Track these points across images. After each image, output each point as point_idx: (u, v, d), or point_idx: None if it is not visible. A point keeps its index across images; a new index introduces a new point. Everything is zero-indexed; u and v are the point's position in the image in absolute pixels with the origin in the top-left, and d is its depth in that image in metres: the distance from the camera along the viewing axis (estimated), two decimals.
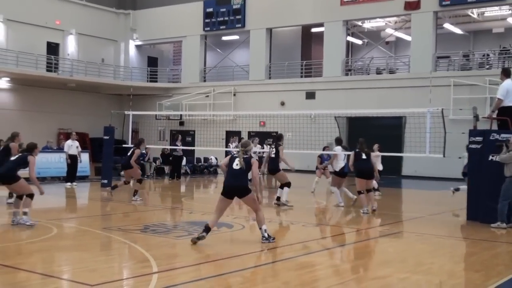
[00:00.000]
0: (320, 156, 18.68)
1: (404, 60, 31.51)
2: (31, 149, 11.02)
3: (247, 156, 9.55)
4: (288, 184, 14.70)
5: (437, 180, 26.16)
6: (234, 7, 34.52)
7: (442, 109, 14.90)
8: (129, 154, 15.49)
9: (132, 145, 17.27)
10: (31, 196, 10.67)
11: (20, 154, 11.17)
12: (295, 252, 9.01)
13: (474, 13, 31.02)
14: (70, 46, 35.63)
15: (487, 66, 28.82)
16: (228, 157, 9.79)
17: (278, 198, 14.82)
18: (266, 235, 9.41)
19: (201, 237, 9.07)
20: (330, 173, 17.59)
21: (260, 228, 9.50)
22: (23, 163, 10.75)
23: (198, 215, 12.92)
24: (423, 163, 25.04)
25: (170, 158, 24.84)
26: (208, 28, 35.64)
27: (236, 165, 9.42)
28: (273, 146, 15.18)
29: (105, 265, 7.64)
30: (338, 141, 16.39)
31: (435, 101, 24.57)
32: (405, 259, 8.56)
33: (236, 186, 9.36)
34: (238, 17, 34.42)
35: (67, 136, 30.32)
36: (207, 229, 9.19)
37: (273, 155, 14.78)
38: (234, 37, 36.79)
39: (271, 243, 9.29)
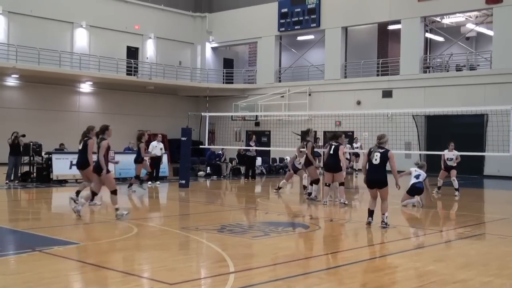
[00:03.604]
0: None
1: (486, 56, 30.44)
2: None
3: (383, 150, 10.75)
4: (317, 181, 15.56)
5: None
6: (309, 6, 34.42)
7: None
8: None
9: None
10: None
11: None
12: (373, 254, 8.87)
13: None
14: (149, 49, 36.65)
15: None
16: (367, 152, 11.07)
17: (309, 194, 15.57)
18: (386, 221, 10.76)
19: (369, 222, 10.90)
20: None
21: (383, 214, 10.79)
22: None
23: (274, 216, 12.95)
24: (507, 163, 24.12)
25: (244, 159, 25.05)
26: (283, 29, 35.71)
27: (375, 160, 10.74)
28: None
29: (184, 265, 7.77)
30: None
31: None
32: (488, 262, 8.25)
33: (375, 180, 10.82)
34: (313, 16, 34.30)
35: (147, 138, 31.17)
36: (371, 213, 10.93)
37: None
38: (309, 37, 36.68)
39: (387, 228, 10.66)
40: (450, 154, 17.46)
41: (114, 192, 11.70)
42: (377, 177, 10.77)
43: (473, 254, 8.91)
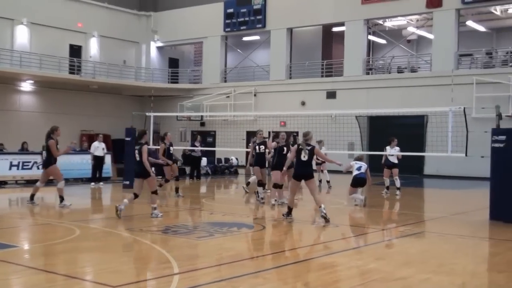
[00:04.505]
0: None
1: (426, 58, 31.27)
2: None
3: (310, 147, 11.77)
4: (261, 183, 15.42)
5: (459, 179, 25.94)
6: (255, 7, 34.56)
7: (464, 108, 14.76)
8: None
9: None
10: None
11: None
12: (316, 253, 9.00)
13: (497, 10, 30.67)
14: (92, 48, 36.00)
15: (511, 64, 28.44)
16: (295, 148, 11.98)
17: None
18: (325, 211, 11.54)
19: (291, 221, 11.73)
20: None
21: (320, 206, 11.61)
22: None
23: (218, 216, 12.96)
24: (445, 162, 24.86)
25: (190, 159, 24.94)
26: (229, 29, 35.73)
27: (304, 157, 11.69)
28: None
29: (127, 266, 7.70)
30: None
31: (457, 100, 24.42)
32: (427, 259, 8.50)
33: (304, 174, 11.79)
34: (258, 17, 34.45)
35: (90, 138, 30.67)
36: (291, 210, 11.94)
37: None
38: (255, 38, 36.84)
39: (328, 219, 11.46)
40: (393, 151, 17.83)
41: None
42: (306, 171, 11.82)
43: (413, 252, 9.15)
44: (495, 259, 8.94)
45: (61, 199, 13.58)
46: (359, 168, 15.08)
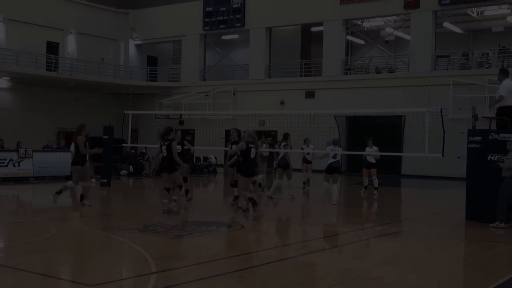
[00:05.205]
0: None
1: (404, 59, 31.50)
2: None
3: (255, 145, 12.42)
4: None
5: (436, 179, 26.20)
6: (234, 6, 34.51)
7: (441, 108, 14.91)
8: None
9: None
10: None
11: None
12: (294, 252, 9.02)
13: (473, 12, 31.04)
14: (70, 45, 35.63)
15: (487, 66, 28.82)
16: (243, 146, 12.22)
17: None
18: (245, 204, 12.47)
19: (251, 210, 12.22)
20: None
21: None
22: None
23: (197, 215, 12.93)
24: (422, 163, 25.03)
25: None
26: (208, 27, 35.64)
27: (253, 155, 12.31)
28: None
29: (104, 265, 7.64)
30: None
31: (434, 101, 24.64)
32: (404, 259, 8.58)
33: (254, 172, 12.86)
34: (237, 16, 34.40)
35: (67, 136, 30.36)
36: (255, 202, 12.12)
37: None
38: (234, 36, 36.80)
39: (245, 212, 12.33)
40: (371, 150, 17.97)
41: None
42: (255, 170, 12.94)
43: (390, 252, 9.23)
44: (471, 258, 9.06)
45: (59, 192, 13.26)
46: (334, 156, 15.23)
